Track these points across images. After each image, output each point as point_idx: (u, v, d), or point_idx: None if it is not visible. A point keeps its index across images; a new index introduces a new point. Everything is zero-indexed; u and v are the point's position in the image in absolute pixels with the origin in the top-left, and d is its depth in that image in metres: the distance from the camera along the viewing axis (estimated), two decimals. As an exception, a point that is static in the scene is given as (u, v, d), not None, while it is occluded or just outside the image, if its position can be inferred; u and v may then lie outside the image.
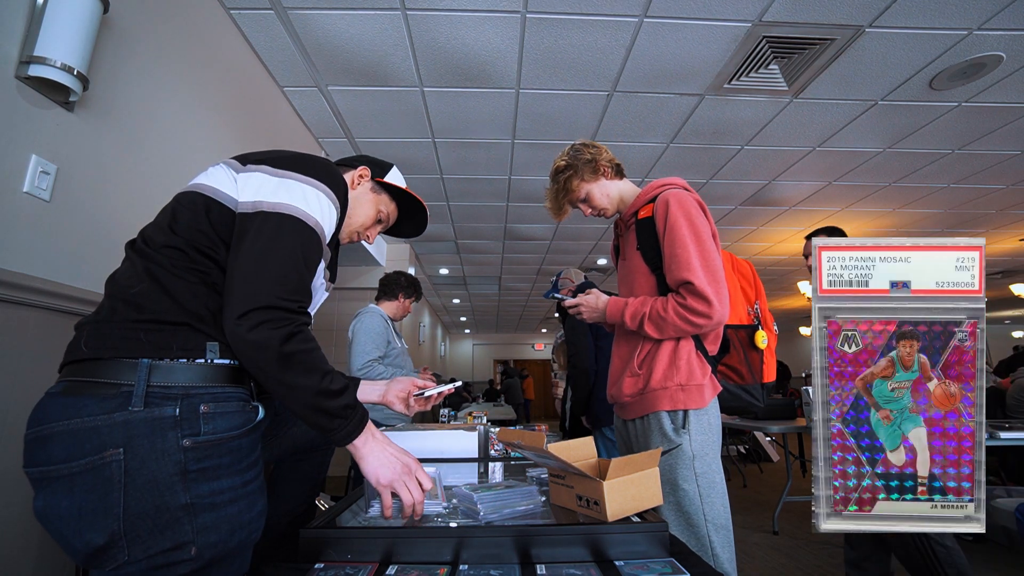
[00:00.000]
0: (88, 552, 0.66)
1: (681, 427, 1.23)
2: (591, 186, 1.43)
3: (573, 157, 1.42)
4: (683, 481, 1.20)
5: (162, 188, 1.76)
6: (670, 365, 1.26)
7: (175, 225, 0.81)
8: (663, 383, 1.26)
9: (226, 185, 0.84)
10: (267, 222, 0.79)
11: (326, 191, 0.87)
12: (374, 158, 1.18)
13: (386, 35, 2.34)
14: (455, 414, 3.49)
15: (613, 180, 1.45)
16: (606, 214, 1.48)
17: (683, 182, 1.39)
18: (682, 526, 1.20)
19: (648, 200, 1.37)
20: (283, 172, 0.85)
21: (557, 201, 1.46)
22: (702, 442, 1.23)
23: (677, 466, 1.21)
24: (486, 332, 14.85)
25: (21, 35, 1.24)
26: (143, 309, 0.75)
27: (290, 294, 0.77)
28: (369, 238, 1.16)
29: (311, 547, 0.84)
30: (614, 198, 1.45)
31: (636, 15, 2.23)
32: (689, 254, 1.23)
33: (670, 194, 1.31)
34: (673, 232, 1.25)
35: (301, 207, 0.82)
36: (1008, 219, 5.12)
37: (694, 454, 1.21)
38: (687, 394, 1.24)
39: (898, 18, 2.25)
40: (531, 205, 4.62)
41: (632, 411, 1.34)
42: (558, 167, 1.44)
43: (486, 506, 0.95)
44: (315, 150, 3.36)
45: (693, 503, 1.19)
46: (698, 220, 1.26)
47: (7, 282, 1.16)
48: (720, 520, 1.20)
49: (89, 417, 0.68)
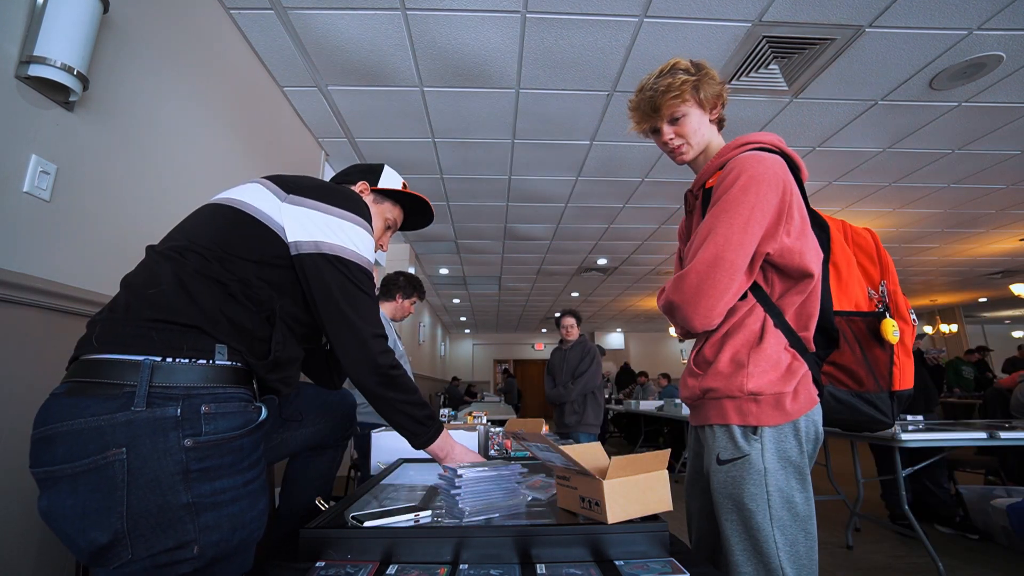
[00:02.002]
0: (92, 551, 0.67)
1: (752, 434, 0.96)
2: (696, 111, 1.10)
3: (699, 68, 1.08)
4: (749, 500, 0.94)
5: (162, 188, 1.76)
6: (742, 363, 0.97)
7: (207, 233, 0.86)
8: (728, 388, 0.97)
9: (269, 207, 0.91)
10: (347, 268, 0.93)
11: (367, 227, 0.99)
12: (364, 165, 1.22)
13: (386, 35, 2.34)
14: (455, 414, 3.49)
15: (714, 124, 1.14)
16: (683, 156, 1.13)
17: (771, 139, 1.06)
18: (748, 554, 0.94)
19: (719, 166, 1.06)
20: (332, 209, 0.95)
21: (658, 100, 1.08)
22: (782, 454, 0.94)
23: (743, 480, 0.94)
24: (486, 332, 14.85)
25: (21, 35, 1.24)
26: (160, 309, 0.76)
27: (380, 330, 0.97)
28: (383, 247, 1.23)
29: (311, 546, 0.84)
30: (704, 141, 1.12)
31: (636, 15, 2.23)
32: (717, 239, 0.95)
33: (744, 161, 0.99)
34: (723, 207, 0.96)
35: (361, 252, 0.96)
36: (1008, 219, 5.12)
37: (767, 468, 0.94)
38: (762, 407, 0.95)
39: (898, 18, 2.25)
40: (531, 205, 4.62)
41: (696, 416, 1.08)
42: (677, 65, 1.08)
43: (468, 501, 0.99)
44: (315, 150, 3.36)
45: (762, 529, 0.93)
46: (757, 209, 0.95)
47: (7, 282, 1.16)
48: (801, 556, 0.93)
49: (92, 417, 0.69)
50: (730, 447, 0.97)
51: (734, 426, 0.97)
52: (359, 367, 0.93)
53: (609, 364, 12.71)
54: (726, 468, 0.97)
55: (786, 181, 0.97)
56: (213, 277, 0.81)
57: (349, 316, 0.92)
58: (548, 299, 9.71)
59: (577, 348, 3.71)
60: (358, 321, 0.93)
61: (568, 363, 3.68)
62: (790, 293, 1.00)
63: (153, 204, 1.69)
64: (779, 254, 0.97)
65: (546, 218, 5.00)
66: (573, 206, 4.66)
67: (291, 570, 0.81)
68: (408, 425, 1.02)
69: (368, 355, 0.93)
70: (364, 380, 0.95)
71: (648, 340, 14.60)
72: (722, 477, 0.98)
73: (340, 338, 0.93)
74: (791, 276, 1.00)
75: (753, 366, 0.96)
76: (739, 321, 1.00)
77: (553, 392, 3.70)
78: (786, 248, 0.97)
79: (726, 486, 0.97)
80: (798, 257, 0.97)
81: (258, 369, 0.83)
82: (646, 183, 4.15)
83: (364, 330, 0.93)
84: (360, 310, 0.93)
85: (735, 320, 1.00)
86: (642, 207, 4.72)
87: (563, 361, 3.72)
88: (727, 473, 0.97)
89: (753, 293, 1.00)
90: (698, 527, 1.13)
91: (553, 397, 3.69)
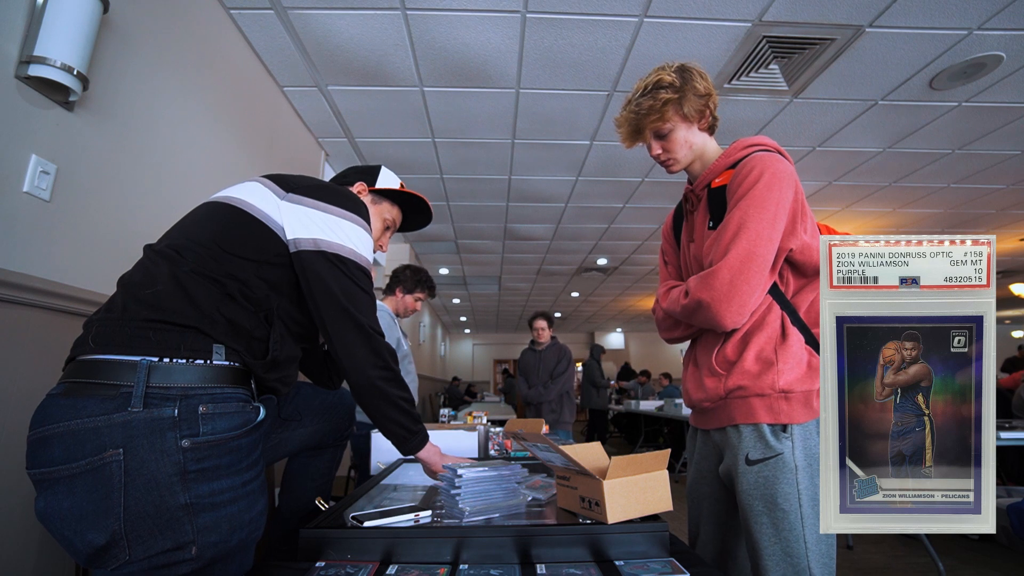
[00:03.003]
0: (90, 552, 0.67)
1: (782, 432, 0.96)
2: (682, 126, 1.09)
3: (683, 79, 1.06)
4: (783, 500, 0.93)
5: (162, 188, 1.76)
6: (771, 361, 0.96)
7: (206, 232, 0.85)
8: (758, 387, 0.96)
9: (267, 206, 0.90)
10: (345, 266, 0.92)
11: (365, 226, 0.99)
12: (361, 167, 1.23)
13: (386, 35, 2.33)
14: (455, 414, 3.49)
15: (704, 132, 1.13)
16: (673, 167, 1.14)
17: (773, 143, 1.08)
18: (779, 557, 0.93)
19: (729, 166, 1.06)
20: (331, 208, 0.94)
21: (639, 123, 1.09)
22: (809, 451, 0.94)
23: (776, 480, 0.93)
24: (486, 332, 14.84)
25: (21, 35, 1.24)
26: (156, 309, 0.76)
27: (379, 328, 0.98)
28: (383, 247, 1.24)
29: (311, 546, 0.84)
30: (696, 151, 1.12)
31: (636, 15, 2.23)
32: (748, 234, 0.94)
33: (763, 158, 0.99)
34: (751, 202, 0.96)
35: (359, 250, 0.95)
36: (1008, 219, 5.12)
37: (797, 465, 0.93)
38: (792, 405, 0.95)
39: (898, 18, 2.25)
40: (531, 205, 4.62)
41: (715, 419, 1.05)
42: (661, 80, 1.07)
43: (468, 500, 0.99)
44: (315, 150, 3.36)
45: (794, 530, 0.92)
46: (781, 206, 0.96)
47: (7, 282, 1.16)
48: (824, 556, 0.93)
49: (89, 418, 0.68)
50: (760, 446, 0.96)
51: (764, 425, 0.96)
52: (363, 363, 0.94)
53: (609, 364, 12.72)
54: (757, 468, 0.95)
55: (797, 181, 1.00)
56: (210, 276, 0.80)
57: (351, 312, 0.92)
58: (548, 299, 9.71)
59: (552, 350, 3.87)
60: (360, 317, 0.93)
61: (544, 364, 3.84)
62: (804, 290, 1.02)
63: (153, 204, 1.69)
64: (800, 251, 0.99)
65: (546, 218, 4.99)
66: (573, 206, 4.66)
67: (291, 570, 0.81)
68: (406, 423, 1.02)
69: (372, 351, 0.94)
70: (367, 376, 0.94)
71: (648, 340, 14.60)
72: (752, 478, 0.96)
73: (342, 335, 0.92)
74: (805, 274, 1.01)
75: (782, 363, 0.96)
76: (760, 319, 0.99)
77: (531, 392, 3.82)
78: (806, 245, 0.99)
79: (758, 487, 0.95)
80: (816, 254, 0.98)
81: (256, 369, 0.83)
82: (646, 183, 4.15)
83: (365, 325, 0.93)
84: (360, 307, 0.93)
85: (756, 318, 1.00)
86: (642, 207, 4.72)
87: (539, 362, 3.87)
88: (758, 474, 0.95)
89: (769, 291, 1.01)
90: (705, 531, 1.12)
91: (532, 397, 3.80)
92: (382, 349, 0.96)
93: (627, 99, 1.12)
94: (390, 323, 2.43)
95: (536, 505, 1.11)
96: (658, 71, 1.09)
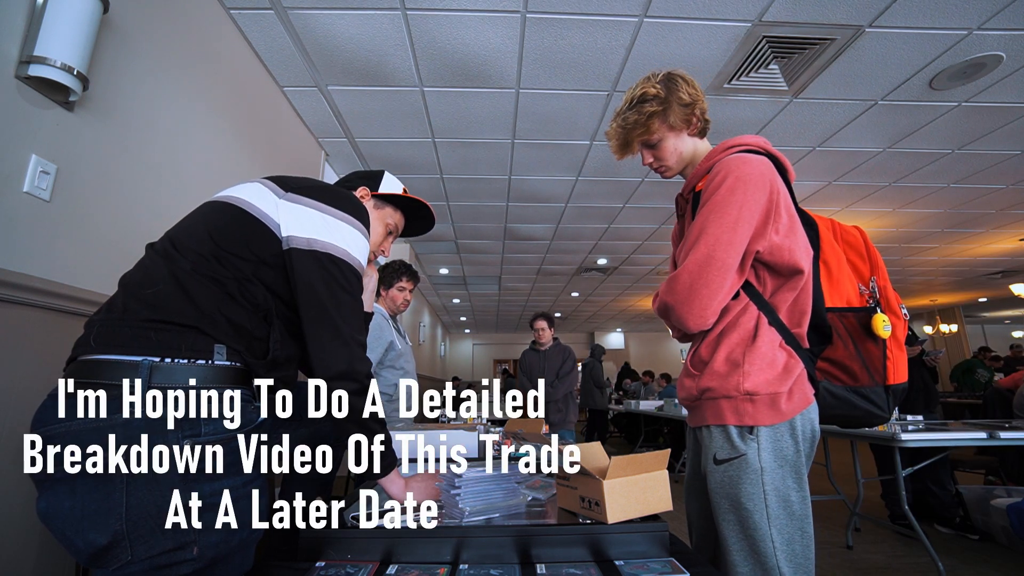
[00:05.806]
0: (91, 552, 0.67)
1: (748, 434, 0.97)
2: (670, 135, 1.11)
3: (668, 90, 1.08)
4: (746, 499, 0.94)
5: (162, 187, 1.76)
6: (738, 363, 0.97)
7: (206, 231, 0.85)
8: (724, 388, 0.97)
9: (266, 205, 0.90)
10: (336, 267, 0.90)
11: (363, 230, 0.97)
12: (365, 172, 1.23)
13: (386, 35, 2.33)
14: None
15: (694, 137, 1.14)
16: (667, 173, 1.17)
17: (757, 141, 1.07)
18: (745, 553, 0.95)
19: (706, 171, 1.07)
20: (329, 209, 0.93)
21: (627, 136, 1.12)
22: (779, 452, 0.95)
23: (740, 480, 0.95)
24: (486, 332, 14.84)
25: (21, 35, 1.24)
26: (157, 309, 0.76)
27: (361, 336, 0.95)
28: (385, 252, 1.23)
29: (311, 546, 0.84)
30: (685, 158, 1.13)
31: (636, 15, 2.23)
32: (706, 240, 0.96)
33: (729, 163, 1.00)
34: (712, 208, 0.98)
35: (353, 253, 0.93)
36: (1008, 219, 5.12)
37: (763, 467, 0.94)
38: (757, 407, 0.95)
39: (898, 18, 2.25)
40: (531, 205, 4.62)
41: (695, 418, 1.08)
42: (646, 94, 1.09)
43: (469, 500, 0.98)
44: (315, 150, 3.36)
45: (759, 529, 0.94)
46: (745, 209, 0.96)
47: (7, 282, 1.16)
48: (798, 555, 0.94)
49: (90, 418, 0.68)
50: (726, 447, 0.98)
51: (731, 426, 0.98)
52: (334, 370, 0.88)
53: (609, 364, 12.71)
54: (723, 468, 0.98)
55: (772, 180, 0.99)
56: (210, 276, 0.80)
57: (331, 314, 0.88)
58: (548, 299, 9.71)
59: (556, 350, 3.93)
60: (339, 320, 0.89)
61: (550, 364, 3.88)
62: (782, 290, 1.02)
63: (153, 204, 1.69)
64: (769, 251, 0.99)
65: (546, 218, 5.00)
66: (573, 206, 4.66)
67: (291, 570, 0.81)
68: (370, 444, 0.93)
69: (347, 357, 0.89)
70: (337, 384, 0.88)
71: (648, 340, 14.60)
72: (719, 477, 0.98)
73: (318, 337, 0.88)
74: (782, 273, 1.01)
75: (748, 365, 0.96)
76: (733, 320, 1.00)
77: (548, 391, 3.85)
78: (776, 245, 0.98)
79: (723, 486, 0.97)
80: (788, 254, 0.98)
81: (257, 369, 0.83)
82: (646, 183, 4.15)
83: (344, 330, 0.89)
84: (343, 311, 0.90)
85: (729, 319, 1.01)
86: (642, 207, 4.72)
87: (543, 362, 3.91)
88: (724, 473, 0.98)
89: (746, 292, 1.02)
90: (698, 528, 1.14)
91: (548, 395, 3.82)
92: (356, 360, 0.90)
93: (616, 111, 1.15)
94: (383, 323, 2.39)
95: (536, 505, 1.11)
96: (643, 83, 1.11)
